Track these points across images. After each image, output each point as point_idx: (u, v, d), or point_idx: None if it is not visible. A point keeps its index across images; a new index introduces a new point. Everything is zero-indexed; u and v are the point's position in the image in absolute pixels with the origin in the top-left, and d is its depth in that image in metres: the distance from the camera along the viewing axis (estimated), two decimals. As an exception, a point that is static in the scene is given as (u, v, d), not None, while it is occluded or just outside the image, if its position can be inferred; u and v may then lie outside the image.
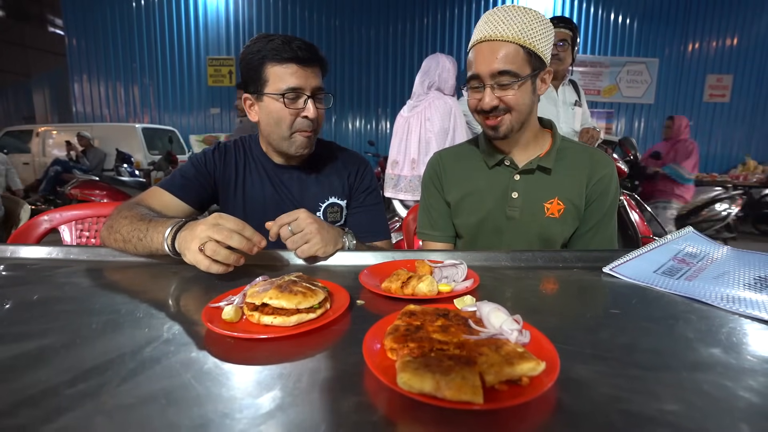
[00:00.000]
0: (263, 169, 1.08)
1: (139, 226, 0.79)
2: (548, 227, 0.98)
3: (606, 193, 0.98)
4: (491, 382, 0.36)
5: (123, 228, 0.81)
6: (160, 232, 0.75)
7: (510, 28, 0.86)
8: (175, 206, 0.98)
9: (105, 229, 0.86)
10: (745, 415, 0.35)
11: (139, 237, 0.77)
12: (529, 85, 0.90)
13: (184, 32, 7.76)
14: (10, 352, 0.45)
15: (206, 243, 0.66)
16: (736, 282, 0.65)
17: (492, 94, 0.89)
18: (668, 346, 0.48)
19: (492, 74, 0.88)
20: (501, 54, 0.86)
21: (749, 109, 7.98)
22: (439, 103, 2.06)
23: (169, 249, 0.73)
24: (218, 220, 0.68)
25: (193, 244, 0.67)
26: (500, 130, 0.93)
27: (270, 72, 0.94)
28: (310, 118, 0.95)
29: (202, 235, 0.67)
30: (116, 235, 0.81)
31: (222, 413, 0.34)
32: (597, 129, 2.18)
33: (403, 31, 7.59)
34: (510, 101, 0.90)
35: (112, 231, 0.83)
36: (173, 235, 0.73)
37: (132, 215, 0.83)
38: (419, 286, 0.61)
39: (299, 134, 0.97)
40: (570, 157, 1.00)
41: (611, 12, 7.69)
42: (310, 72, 0.95)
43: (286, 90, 0.93)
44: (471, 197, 1.04)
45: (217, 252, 0.66)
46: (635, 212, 2.61)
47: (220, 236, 0.66)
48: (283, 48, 0.91)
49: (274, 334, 0.48)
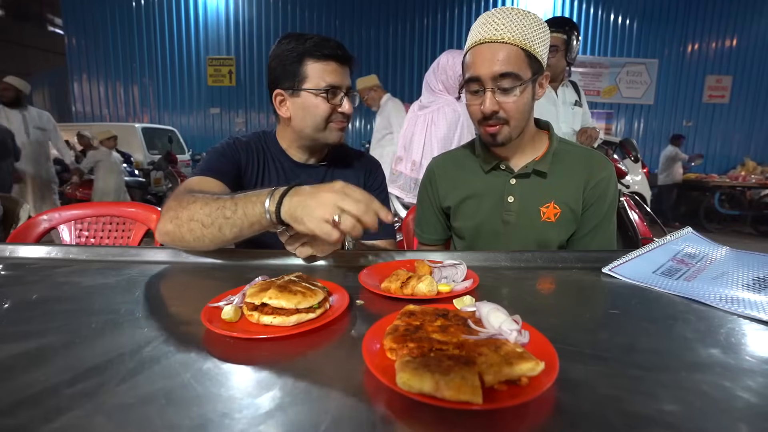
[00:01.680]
0: (282, 166, 1.08)
1: (223, 204, 0.71)
2: (544, 231, 0.98)
3: (604, 196, 0.98)
4: (490, 382, 0.36)
5: (197, 213, 0.73)
6: (256, 202, 0.69)
7: (510, 30, 0.84)
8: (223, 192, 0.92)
9: (169, 223, 0.76)
10: (743, 416, 0.35)
11: (225, 215, 0.71)
12: (530, 90, 0.90)
13: (184, 32, 7.76)
14: (10, 352, 0.45)
15: (341, 215, 0.61)
16: (734, 283, 0.66)
17: (493, 98, 0.87)
18: (667, 347, 0.48)
19: (494, 77, 0.86)
20: (502, 56, 0.85)
21: (748, 110, 8.00)
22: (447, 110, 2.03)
23: (274, 217, 0.67)
24: (346, 190, 0.63)
25: (320, 211, 0.62)
26: (498, 138, 0.92)
27: (310, 68, 0.96)
28: (346, 113, 1.00)
29: (334, 204, 0.61)
30: (191, 224, 0.73)
31: (221, 413, 0.34)
32: (596, 129, 2.18)
33: (403, 31, 7.59)
34: (510, 110, 0.88)
35: (182, 222, 0.75)
36: (278, 202, 0.67)
37: (201, 200, 0.75)
38: (419, 286, 0.61)
39: (335, 125, 1.01)
40: (567, 160, 0.99)
41: (611, 13, 7.71)
42: (346, 70, 0.99)
43: (327, 86, 0.96)
44: (469, 201, 1.05)
45: (355, 227, 0.62)
46: (635, 213, 2.61)
47: (358, 210, 0.61)
48: (324, 45, 0.95)
49: (273, 334, 0.48)
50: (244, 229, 0.71)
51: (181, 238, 0.76)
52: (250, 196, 0.71)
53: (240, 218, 0.70)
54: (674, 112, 8.03)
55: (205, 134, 8.08)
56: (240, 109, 8.04)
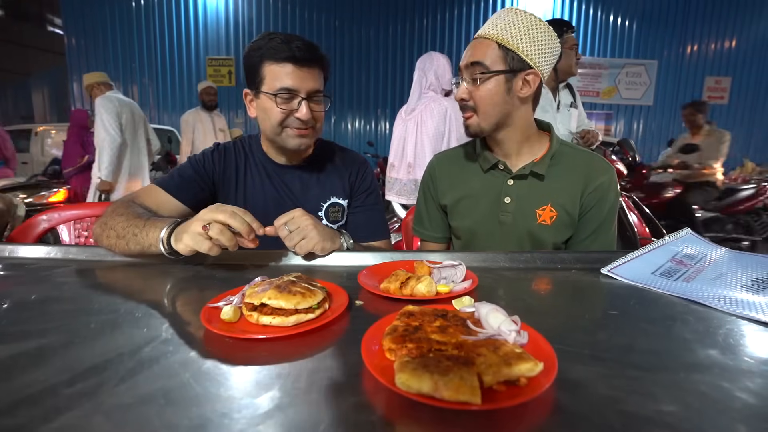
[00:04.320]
0: (264, 169, 1.07)
1: (136, 222, 0.79)
2: (539, 234, 0.97)
3: (604, 201, 0.96)
4: (489, 382, 0.36)
5: (118, 224, 0.81)
6: (157, 227, 0.76)
7: (494, 27, 0.90)
8: (171, 205, 0.97)
9: (98, 225, 0.85)
10: (742, 416, 0.35)
11: (134, 233, 0.78)
12: (500, 83, 0.90)
13: (183, 32, 7.76)
14: (9, 352, 0.45)
15: (211, 224, 0.69)
16: (733, 283, 0.66)
17: (464, 87, 0.94)
18: (666, 347, 0.48)
19: (465, 66, 0.93)
20: (475, 48, 0.92)
21: (747, 111, 8.01)
22: (434, 106, 2.05)
23: (165, 246, 0.74)
24: (220, 207, 0.72)
25: (194, 226, 0.70)
26: (470, 129, 0.97)
27: (267, 70, 0.93)
28: (301, 119, 0.94)
29: (206, 216, 0.70)
30: (110, 232, 0.81)
31: (220, 413, 0.34)
32: (596, 131, 2.19)
33: (402, 31, 7.59)
34: (476, 97, 0.92)
35: (106, 228, 0.83)
36: (170, 232, 0.74)
37: (128, 213, 0.83)
38: (418, 287, 0.61)
39: (290, 130, 0.97)
40: (566, 163, 0.98)
41: (610, 14, 7.71)
42: (307, 73, 0.94)
43: (279, 90, 0.92)
44: (466, 200, 1.05)
45: (222, 232, 0.69)
46: (634, 213, 2.61)
47: (223, 216, 0.69)
48: (281, 47, 0.91)
49: (272, 334, 0.48)
50: (145, 249, 0.77)
51: (102, 242, 0.84)
52: (157, 222, 0.78)
53: (143, 238, 0.77)
54: (673, 114, 8.03)
55: (205, 134, 8.07)
56: (239, 110, 8.04)
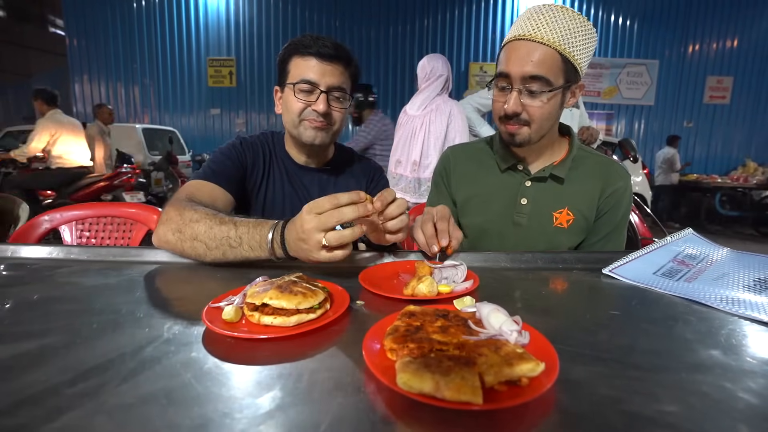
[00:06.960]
0: (285, 168, 1.08)
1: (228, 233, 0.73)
2: (555, 237, 0.96)
3: (618, 206, 0.96)
4: (491, 382, 0.36)
5: (202, 235, 0.75)
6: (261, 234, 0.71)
7: (553, 30, 0.80)
8: (223, 199, 0.95)
9: (171, 234, 0.78)
10: (744, 417, 0.35)
11: (230, 244, 0.73)
12: (559, 98, 0.85)
13: (184, 33, 7.77)
14: (11, 352, 0.45)
15: (327, 235, 0.63)
16: (735, 284, 0.65)
17: (518, 100, 0.84)
18: (668, 348, 0.48)
19: (523, 77, 0.82)
20: (536, 57, 0.80)
21: (749, 111, 8.00)
22: (444, 108, 2.09)
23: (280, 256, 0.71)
24: (312, 209, 0.64)
25: (316, 251, 0.64)
26: (516, 139, 0.90)
27: (293, 64, 0.97)
28: (318, 111, 0.96)
29: (317, 235, 0.63)
30: (195, 243, 0.75)
31: (222, 413, 0.34)
32: (597, 129, 2.20)
33: (403, 32, 7.60)
34: (534, 113, 0.85)
35: (184, 237, 0.76)
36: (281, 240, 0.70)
37: (204, 221, 0.76)
38: (419, 287, 0.61)
39: (307, 122, 0.98)
40: (584, 167, 0.98)
41: (611, 13, 7.71)
42: (330, 69, 0.96)
43: (299, 80, 0.95)
44: (479, 198, 1.03)
45: (342, 238, 0.63)
46: (635, 214, 2.61)
47: (334, 221, 0.63)
48: (308, 43, 0.95)
49: (274, 334, 0.48)
50: (247, 259, 0.74)
51: (181, 251, 0.78)
52: (252, 233, 0.72)
53: (245, 251, 0.73)
54: (675, 113, 8.02)
55: (206, 135, 8.09)
56: (240, 110, 8.06)
